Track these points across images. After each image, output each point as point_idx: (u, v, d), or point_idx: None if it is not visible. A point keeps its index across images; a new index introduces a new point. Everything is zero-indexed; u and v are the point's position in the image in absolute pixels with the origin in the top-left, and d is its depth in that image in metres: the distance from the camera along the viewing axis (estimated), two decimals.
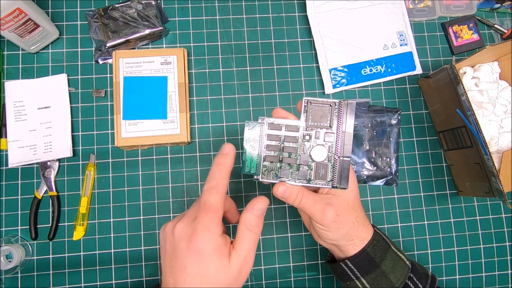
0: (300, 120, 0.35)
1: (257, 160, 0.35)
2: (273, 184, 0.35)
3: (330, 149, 0.35)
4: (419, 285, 0.38)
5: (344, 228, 0.36)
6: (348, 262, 0.38)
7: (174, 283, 0.32)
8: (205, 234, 0.31)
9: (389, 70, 0.58)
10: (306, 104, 0.35)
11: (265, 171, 0.35)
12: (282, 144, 0.35)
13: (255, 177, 0.35)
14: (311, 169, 0.35)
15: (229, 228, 0.52)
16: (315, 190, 0.38)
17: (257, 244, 0.34)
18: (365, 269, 0.37)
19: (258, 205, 0.33)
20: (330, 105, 0.35)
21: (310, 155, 0.35)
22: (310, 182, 0.35)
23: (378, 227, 0.55)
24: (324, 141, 0.35)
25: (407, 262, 0.39)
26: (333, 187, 0.35)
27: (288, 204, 0.36)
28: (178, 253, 0.32)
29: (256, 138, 0.35)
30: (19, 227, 0.51)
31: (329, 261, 0.43)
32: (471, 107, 0.45)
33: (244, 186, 0.55)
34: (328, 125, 0.35)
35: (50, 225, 0.51)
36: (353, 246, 0.38)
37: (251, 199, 0.33)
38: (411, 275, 0.38)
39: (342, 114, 0.35)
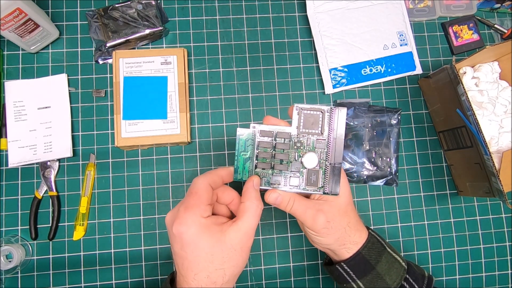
0: (292, 127, 0.35)
1: (249, 167, 0.35)
2: (265, 190, 0.35)
3: (321, 155, 0.35)
4: (415, 286, 0.39)
5: (335, 234, 0.37)
6: (344, 265, 0.38)
7: (178, 270, 0.33)
8: (187, 216, 0.31)
9: (389, 70, 0.58)
10: (297, 111, 0.35)
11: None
12: (273, 151, 0.35)
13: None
14: (303, 176, 0.35)
15: None
16: (307, 196, 0.38)
17: (258, 221, 0.34)
18: (361, 272, 0.38)
19: (256, 180, 0.34)
20: (321, 112, 0.35)
21: (301, 162, 0.35)
22: (302, 188, 0.35)
23: (377, 227, 0.55)
24: (315, 147, 0.35)
25: (403, 264, 0.39)
26: (324, 193, 0.35)
27: (281, 209, 0.36)
28: (171, 240, 0.33)
29: (247, 145, 0.35)
30: (19, 227, 0.51)
31: (326, 264, 0.43)
32: (471, 107, 0.45)
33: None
34: (319, 131, 0.35)
35: (50, 225, 0.51)
36: (346, 250, 0.38)
37: (246, 181, 0.35)
38: (407, 276, 0.39)
39: (333, 121, 0.35)
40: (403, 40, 0.59)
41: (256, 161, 0.35)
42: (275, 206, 0.35)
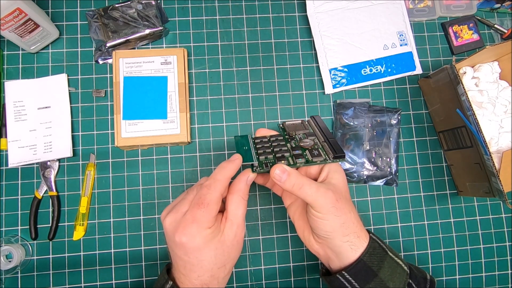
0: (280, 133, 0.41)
1: (252, 154, 0.37)
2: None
3: (314, 141, 0.39)
4: None
5: (342, 217, 0.36)
6: (345, 274, 0.36)
7: (178, 269, 0.33)
8: (193, 228, 0.32)
9: (389, 70, 0.58)
10: (281, 125, 0.42)
11: (262, 163, 0.36)
12: (271, 145, 0.38)
13: (254, 167, 0.36)
14: (305, 154, 0.37)
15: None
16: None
17: (246, 205, 0.36)
18: (363, 280, 0.36)
19: (252, 176, 0.36)
20: (301, 121, 0.42)
21: (300, 146, 0.38)
22: (309, 162, 0.36)
23: (377, 227, 0.55)
24: (305, 138, 0.40)
25: (405, 268, 0.38)
26: (334, 159, 0.36)
27: (285, 189, 0.35)
28: (171, 244, 0.33)
29: (245, 144, 0.38)
30: (19, 227, 0.51)
31: (324, 274, 0.41)
32: (471, 107, 0.45)
33: None
34: (303, 128, 0.41)
35: (50, 225, 0.51)
36: (350, 245, 0.36)
37: (241, 172, 0.36)
38: (410, 281, 0.37)
39: (312, 122, 0.42)
40: (403, 40, 0.59)
41: (256, 155, 0.37)
42: (279, 184, 0.35)
